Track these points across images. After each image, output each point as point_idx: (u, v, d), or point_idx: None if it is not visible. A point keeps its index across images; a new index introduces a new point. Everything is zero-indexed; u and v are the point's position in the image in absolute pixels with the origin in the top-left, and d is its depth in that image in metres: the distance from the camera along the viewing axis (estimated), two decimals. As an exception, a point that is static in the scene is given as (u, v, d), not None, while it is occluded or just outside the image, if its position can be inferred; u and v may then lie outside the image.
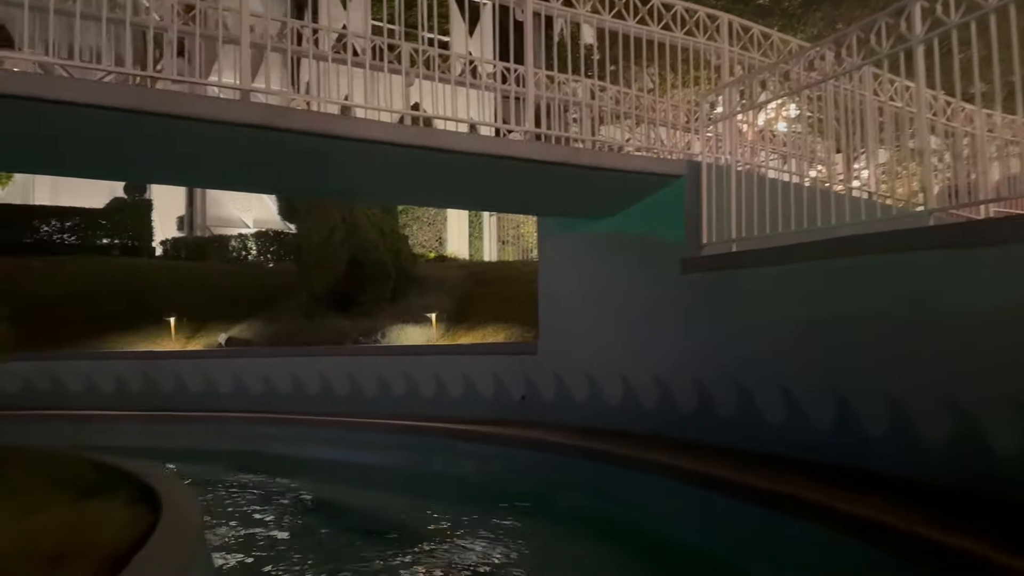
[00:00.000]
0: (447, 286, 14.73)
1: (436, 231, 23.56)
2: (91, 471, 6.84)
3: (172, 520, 4.11)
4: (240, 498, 8.43)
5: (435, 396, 11.55)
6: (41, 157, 6.63)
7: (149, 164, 6.88)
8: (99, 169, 7.84)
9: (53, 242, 20.93)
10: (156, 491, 6.07)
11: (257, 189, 8.42)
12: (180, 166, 6.90)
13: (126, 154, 6.38)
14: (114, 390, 14.10)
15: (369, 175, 7.46)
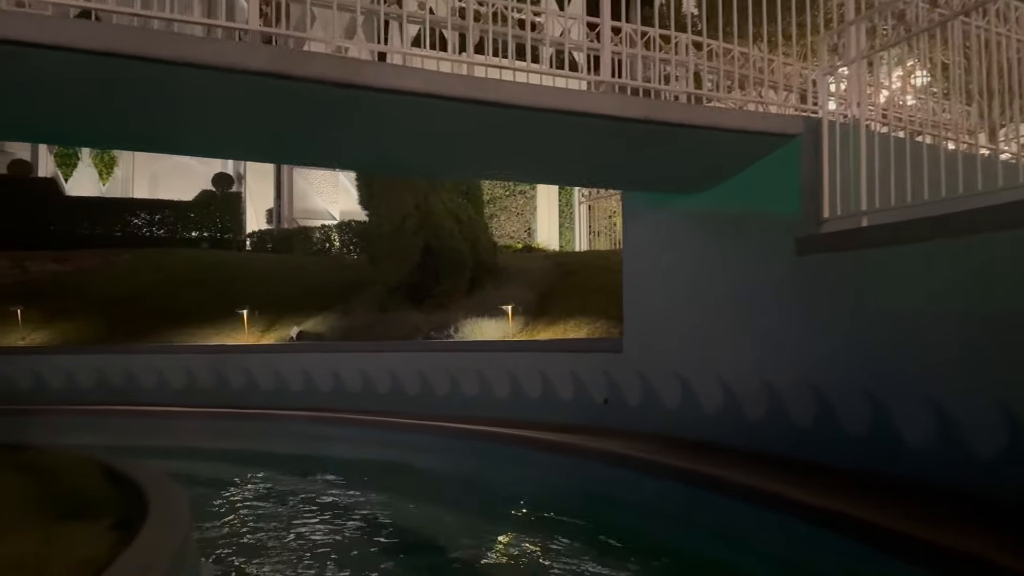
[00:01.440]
0: (528, 277, 13.54)
1: (525, 222, 22.43)
2: (93, 483, 6.01)
3: (139, 556, 3.48)
4: (290, 507, 7.51)
5: (510, 397, 10.39)
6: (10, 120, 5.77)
7: (129, 126, 5.93)
8: (82, 133, 6.85)
9: (143, 235, 21.02)
10: (148, 509, 5.16)
11: (265, 156, 7.45)
12: (168, 127, 5.91)
13: (107, 109, 5.41)
14: (184, 386, 13.62)
15: (405, 138, 6.30)
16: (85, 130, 5.97)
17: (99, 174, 27.66)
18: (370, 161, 7.50)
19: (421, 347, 11.64)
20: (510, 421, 9.86)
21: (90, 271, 17.95)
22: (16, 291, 16.68)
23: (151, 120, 5.63)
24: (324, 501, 7.69)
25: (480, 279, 13.18)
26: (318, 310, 14.75)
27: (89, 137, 6.61)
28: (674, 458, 6.86)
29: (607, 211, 21.67)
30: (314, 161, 9.30)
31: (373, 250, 12.98)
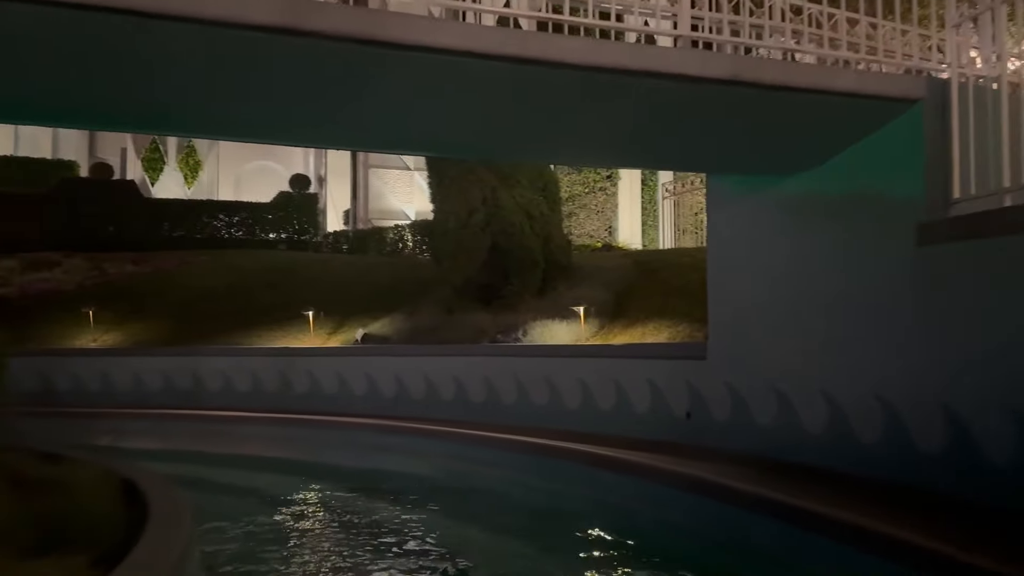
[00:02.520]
0: (605, 276, 12.52)
1: (605, 219, 21.36)
2: (102, 502, 5.41)
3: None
4: (344, 533, 6.79)
5: (581, 408, 9.43)
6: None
7: (109, 100, 5.20)
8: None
9: (222, 237, 21.00)
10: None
11: (271, 135, 6.58)
12: (154, 100, 5.15)
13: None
14: (249, 389, 13.21)
15: (436, 111, 5.41)
16: (59, 104, 5.30)
17: (184, 178, 28.12)
18: (394, 140, 6.52)
19: (486, 351, 10.81)
20: (581, 435, 8.90)
21: (166, 272, 17.93)
22: (93, 292, 16.76)
23: (130, 92, 4.92)
24: (381, 525, 6.92)
25: (552, 279, 12.26)
26: (386, 311, 14.14)
27: (69, 114, 5.87)
28: (770, 488, 5.78)
29: (694, 207, 20.42)
30: (327, 140, 8.34)
31: (437, 248, 12.23)
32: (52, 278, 17.15)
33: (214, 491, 8.78)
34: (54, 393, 13.79)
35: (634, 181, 21.69)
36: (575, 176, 21.02)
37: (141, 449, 11.76)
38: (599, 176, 21.34)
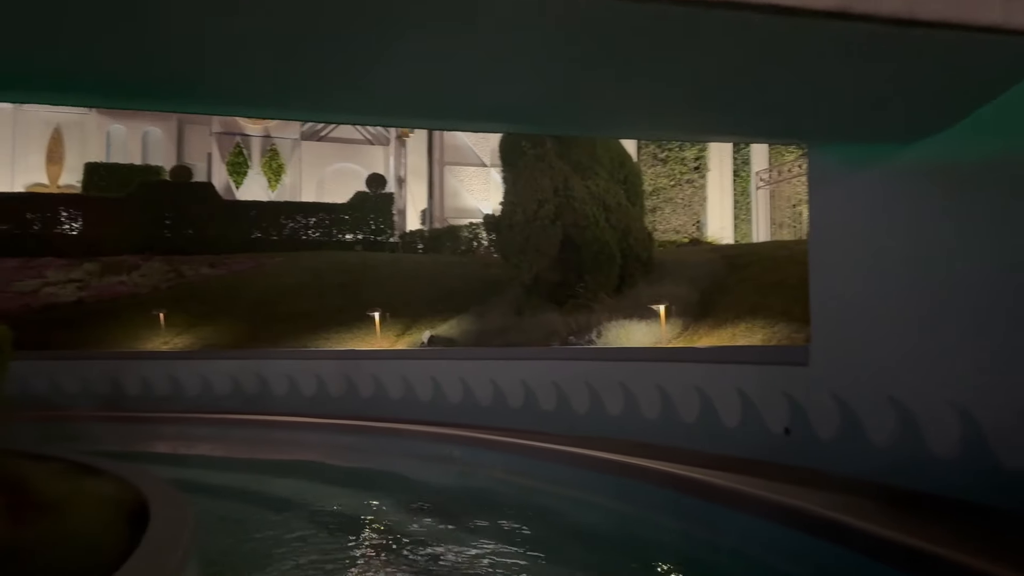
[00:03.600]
0: (690, 272, 11.39)
1: (693, 213, 20.06)
2: (90, 528, 4.75)
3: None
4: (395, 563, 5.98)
5: (660, 419, 8.36)
6: None
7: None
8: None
9: (300, 238, 20.80)
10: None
11: (268, 107, 5.64)
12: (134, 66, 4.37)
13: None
14: (314, 393, 12.65)
15: (467, 65, 4.46)
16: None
17: (268, 181, 28.27)
18: (411, 109, 5.46)
19: (557, 354, 9.86)
20: (660, 450, 7.84)
21: (241, 275, 17.73)
22: (168, 295, 16.67)
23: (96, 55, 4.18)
24: (441, 558, 6.08)
25: (630, 275, 11.21)
26: (456, 312, 13.41)
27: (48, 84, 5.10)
28: (896, 527, 4.61)
29: (791, 198, 18.90)
30: (330, 111, 7.21)
31: (504, 244, 11.34)
32: (129, 281, 17.17)
33: (263, 504, 8.15)
34: (123, 397, 13.61)
35: (725, 171, 20.33)
36: (659, 168, 19.83)
37: (202, 456, 11.36)
38: (686, 168, 20.07)
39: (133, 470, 6.57)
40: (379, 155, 28.93)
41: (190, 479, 9.79)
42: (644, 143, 19.87)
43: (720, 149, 20.55)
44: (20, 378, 13.43)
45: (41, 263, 17.60)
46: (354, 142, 29.26)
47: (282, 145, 28.56)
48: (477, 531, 6.62)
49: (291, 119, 20.10)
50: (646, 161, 19.69)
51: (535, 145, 12.19)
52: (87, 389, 13.69)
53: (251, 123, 28.27)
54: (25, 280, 16.72)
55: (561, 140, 12.54)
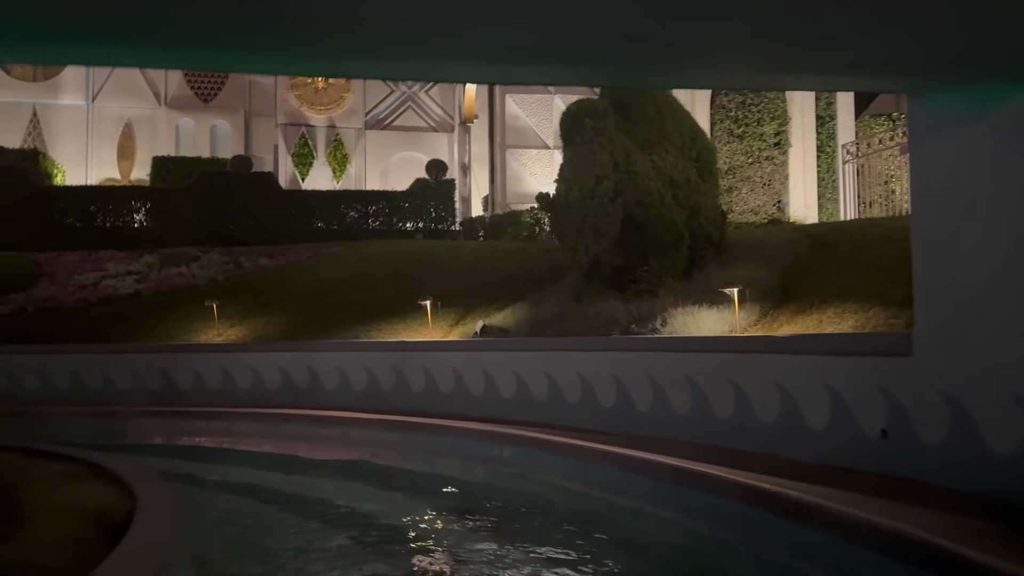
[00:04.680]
0: (769, 253, 10.23)
1: (773, 193, 18.63)
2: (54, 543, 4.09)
3: None
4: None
5: (733, 419, 7.32)
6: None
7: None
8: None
9: (360, 228, 20.29)
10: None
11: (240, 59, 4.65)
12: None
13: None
14: (364, 387, 12.04)
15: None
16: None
17: (332, 172, 28.00)
18: (423, 49, 4.49)
19: (616, 345, 8.88)
20: (733, 454, 6.83)
21: (298, 265, 17.31)
22: (224, 286, 16.35)
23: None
24: (468, 561, 5.28)
25: (701, 257, 10.13)
26: (512, 301, 12.55)
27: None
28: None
29: (882, 174, 17.31)
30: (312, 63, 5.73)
31: (560, 225, 10.37)
32: (187, 273, 16.94)
33: (296, 508, 7.49)
34: (175, 391, 13.30)
35: (808, 147, 18.83)
36: (736, 145, 18.48)
37: (247, 451, 10.87)
38: (765, 144, 18.65)
39: (139, 475, 5.96)
40: (443, 142, 28.30)
41: (227, 478, 9.28)
42: (719, 118, 18.59)
43: (803, 123, 19.07)
44: (72, 372, 13.35)
45: (102, 256, 17.56)
46: (417, 130, 28.71)
47: (346, 135, 28.24)
48: (524, 546, 5.75)
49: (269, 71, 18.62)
50: (721, 138, 18.39)
51: (596, 119, 11.19)
52: (138, 384, 13.43)
53: (315, 113, 28.05)
54: (85, 273, 16.66)
55: (627, 116, 11.49)
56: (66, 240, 18.07)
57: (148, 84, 28.80)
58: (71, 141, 27.56)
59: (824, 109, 19.50)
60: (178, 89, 29.12)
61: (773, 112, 18.98)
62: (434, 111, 28.85)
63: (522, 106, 20.59)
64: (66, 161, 26.38)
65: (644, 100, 11.95)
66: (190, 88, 29.36)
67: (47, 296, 15.70)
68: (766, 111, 18.97)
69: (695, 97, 18.42)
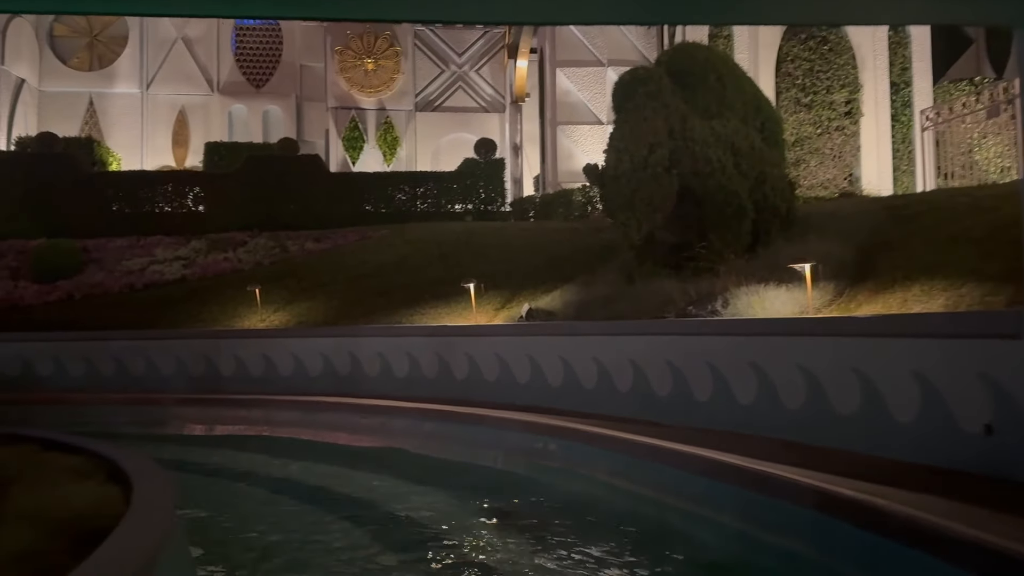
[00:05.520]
0: (843, 226, 9.28)
1: (844, 166, 17.41)
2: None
3: None
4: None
5: (804, 411, 6.47)
6: None
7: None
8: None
9: (407, 210, 19.78)
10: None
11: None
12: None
13: None
14: (406, 374, 11.48)
15: None
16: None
17: (383, 155, 27.59)
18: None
19: (671, 329, 8.08)
20: (806, 451, 6.00)
21: (344, 248, 16.89)
22: (270, 271, 16.03)
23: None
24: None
25: (766, 231, 9.23)
26: (562, 282, 11.83)
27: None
28: None
29: (963, 143, 15.95)
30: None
31: (609, 199, 9.57)
32: (233, 258, 16.68)
33: (329, 504, 6.96)
34: (217, 377, 12.99)
35: (882, 115, 17.55)
36: (804, 115, 17.30)
37: (284, 440, 10.42)
38: (835, 113, 17.43)
39: (144, 474, 5.44)
40: (494, 122, 27.61)
41: (259, 470, 8.82)
42: (785, 86, 17.43)
43: (876, 90, 17.76)
44: (116, 359, 13.12)
45: (150, 242, 17.44)
46: (468, 110, 28.07)
47: (397, 117, 27.78)
48: (557, 555, 5.06)
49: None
50: (787, 107, 17.25)
51: (651, 86, 10.34)
52: (181, 370, 13.17)
53: (365, 96, 27.64)
54: (133, 259, 16.54)
55: (684, 84, 10.60)
56: (115, 226, 18.01)
57: (201, 71, 28.81)
58: (126, 129, 27.76)
59: (899, 75, 18.13)
60: (230, 75, 29.07)
61: (843, 79, 17.72)
62: (485, 91, 28.15)
63: (574, 80, 19.72)
64: (122, 149, 26.56)
65: (703, 67, 11.05)
66: (242, 74, 29.28)
67: (94, 282, 15.60)
68: (836, 78, 17.72)
69: (758, 64, 17.30)
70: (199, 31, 28.76)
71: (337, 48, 27.50)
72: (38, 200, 17.76)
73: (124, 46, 27.99)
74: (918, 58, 18.17)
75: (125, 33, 28.13)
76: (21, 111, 25.88)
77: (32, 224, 17.18)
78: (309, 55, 28.83)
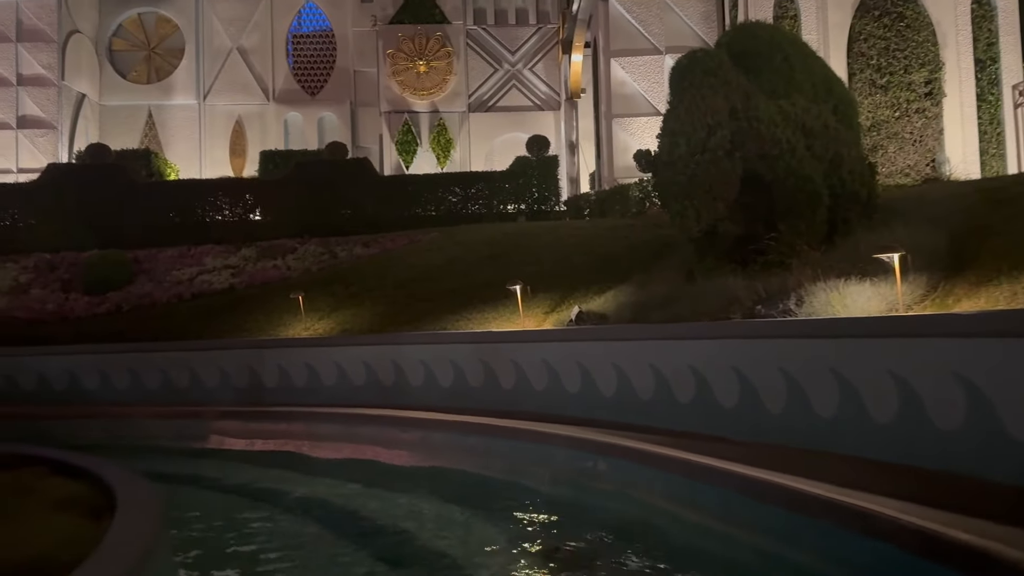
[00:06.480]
0: (931, 213, 8.18)
1: (926, 150, 16.03)
2: None
3: None
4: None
5: (897, 424, 5.50)
6: None
7: None
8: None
9: (459, 212, 19.14)
10: None
11: None
12: None
13: None
14: (451, 384, 10.79)
15: None
16: None
17: (436, 158, 27.13)
18: None
19: (737, 331, 7.14)
20: (903, 474, 5.06)
21: (392, 253, 16.33)
22: (319, 277, 15.58)
23: None
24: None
25: (845, 220, 8.21)
26: (617, 283, 10.95)
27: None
28: None
29: (1063, 120, 14.45)
30: None
31: (663, 187, 8.67)
32: (282, 265, 16.30)
33: (364, 532, 6.29)
34: (260, 388, 12.54)
35: (966, 95, 16.11)
36: (879, 97, 16.00)
37: (322, 459, 9.83)
38: (914, 94, 16.07)
39: (132, 508, 4.83)
40: (549, 121, 26.88)
41: (294, 490, 8.20)
42: (858, 67, 16.17)
43: (959, 68, 16.33)
44: (161, 371, 12.75)
45: (201, 251, 17.21)
46: (522, 109, 27.40)
47: (450, 120, 27.32)
48: None
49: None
50: (861, 90, 15.98)
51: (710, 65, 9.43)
52: (225, 381, 12.76)
53: (418, 99, 27.26)
54: (183, 269, 16.31)
55: (748, 67, 9.64)
56: (167, 236, 17.86)
57: (256, 80, 28.89)
58: (184, 140, 28.00)
59: (984, 51, 16.64)
60: (285, 83, 29.07)
61: (922, 57, 16.35)
62: (539, 88, 27.44)
63: (629, 70, 18.78)
64: (180, 160, 26.75)
65: (768, 47, 10.07)
66: (297, 82, 29.26)
67: (143, 293, 15.40)
68: (914, 56, 16.36)
69: (828, 44, 16.09)
70: (254, 41, 28.86)
71: (389, 51, 27.19)
72: (91, 212, 17.76)
73: (181, 58, 28.26)
74: (1005, 31, 16.66)
75: (182, 45, 28.41)
76: (83, 125, 26.31)
77: (85, 236, 17.15)
78: (363, 60, 28.63)
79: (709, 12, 19.11)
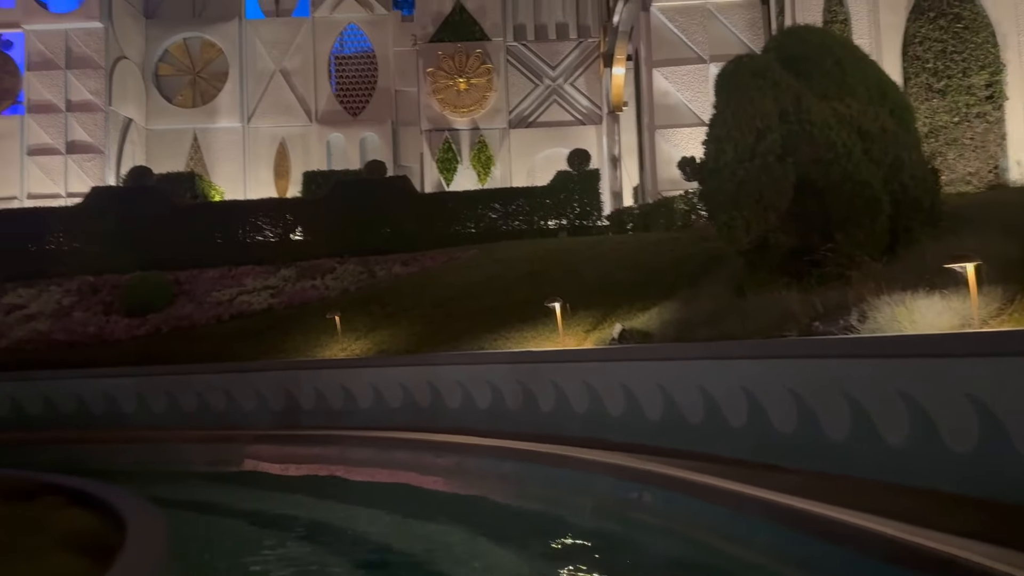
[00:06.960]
0: (1003, 220, 7.52)
1: (988, 157, 15.17)
2: None
3: None
4: None
5: (977, 453, 4.92)
6: None
7: None
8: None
9: (499, 228, 18.77)
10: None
11: None
12: None
13: None
14: (489, 406, 10.40)
15: None
16: None
17: (477, 175, 26.87)
18: None
19: (793, 350, 6.59)
20: (984, 508, 4.47)
21: (431, 271, 16.02)
22: (357, 297, 15.35)
23: None
24: None
25: (908, 229, 7.60)
26: (660, 299, 10.43)
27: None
28: None
29: None
30: None
31: (709, 196, 8.16)
32: (320, 285, 16.11)
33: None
34: (296, 410, 12.30)
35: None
36: (937, 102, 15.19)
37: (358, 485, 9.47)
38: (974, 98, 15.24)
39: (138, 549, 4.50)
40: (591, 135, 26.41)
41: (323, 519, 7.84)
42: (914, 71, 15.42)
43: (1022, 70, 15.46)
44: (197, 393, 12.56)
45: (241, 272, 17.13)
46: (563, 124, 27.01)
47: (490, 136, 27.06)
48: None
49: None
50: (917, 95, 15.21)
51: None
52: (262, 404, 12.54)
53: (458, 116, 27.09)
54: (223, 290, 16.23)
55: (798, 71, 9.11)
56: (209, 257, 17.82)
57: (299, 101, 29.06)
58: (229, 163, 28.24)
59: (1049, 52, 15.77)
60: (328, 104, 29.19)
61: (982, 60, 15.53)
62: (580, 103, 27.04)
63: (672, 80, 18.26)
64: (225, 182, 26.97)
65: (818, 51, 9.53)
66: (339, 103, 29.37)
67: (183, 315, 15.32)
68: (973, 59, 15.56)
69: (881, 47, 15.40)
70: (296, 63, 29.08)
71: (429, 70, 27.11)
72: (133, 234, 17.83)
73: (225, 81, 28.57)
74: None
75: (226, 69, 28.73)
76: (129, 150, 26.70)
77: (128, 258, 17.21)
78: (404, 80, 28.62)
79: (755, 19, 18.52)
